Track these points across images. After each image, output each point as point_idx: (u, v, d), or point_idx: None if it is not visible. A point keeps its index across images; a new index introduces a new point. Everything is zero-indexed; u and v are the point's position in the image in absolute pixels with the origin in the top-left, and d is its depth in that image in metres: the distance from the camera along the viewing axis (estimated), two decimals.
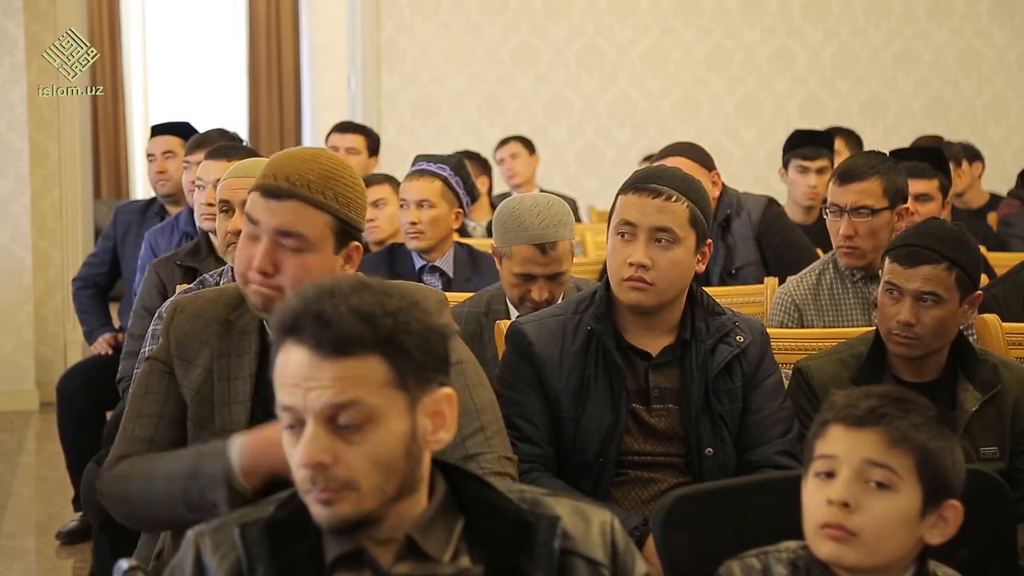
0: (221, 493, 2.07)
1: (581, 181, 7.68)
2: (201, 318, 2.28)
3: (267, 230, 2.15)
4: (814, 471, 1.80)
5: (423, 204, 4.05)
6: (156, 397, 2.25)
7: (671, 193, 2.55)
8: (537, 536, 1.60)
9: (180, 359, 2.26)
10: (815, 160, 5.07)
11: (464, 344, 2.39)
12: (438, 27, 7.54)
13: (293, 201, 2.14)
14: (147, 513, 2.18)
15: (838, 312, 3.51)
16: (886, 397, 1.79)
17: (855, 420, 1.77)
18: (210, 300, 2.32)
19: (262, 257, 2.15)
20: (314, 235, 2.15)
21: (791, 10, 7.84)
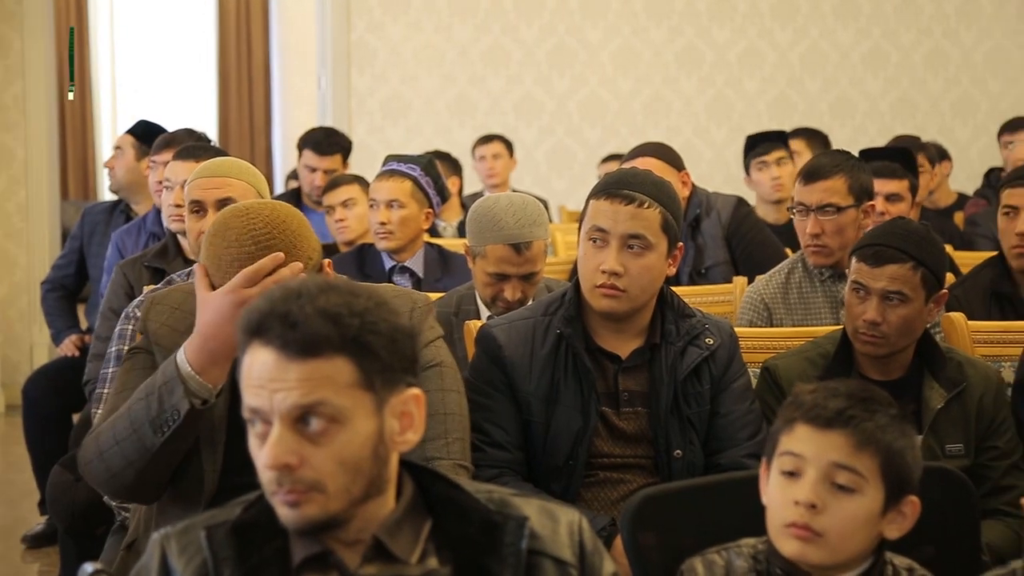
0: (179, 393, 2.10)
1: (552, 181, 7.69)
2: (178, 310, 2.30)
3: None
4: (780, 467, 1.81)
5: (393, 204, 4.04)
6: (140, 373, 2.27)
7: (643, 199, 2.55)
8: (505, 536, 1.60)
9: (160, 348, 2.27)
10: (771, 153, 5.17)
11: (447, 349, 2.39)
12: (408, 27, 7.54)
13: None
14: (120, 458, 2.17)
15: (807, 311, 3.53)
16: (852, 397, 1.80)
17: (823, 422, 1.78)
18: (186, 292, 2.32)
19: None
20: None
21: (761, 11, 7.87)
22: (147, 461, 2.16)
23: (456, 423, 2.30)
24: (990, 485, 2.67)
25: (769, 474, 1.85)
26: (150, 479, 2.20)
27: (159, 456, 2.16)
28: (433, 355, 2.33)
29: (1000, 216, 3.58)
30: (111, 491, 2.31)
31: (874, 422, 1.78)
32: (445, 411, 2.28)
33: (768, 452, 1.86)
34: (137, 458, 2.16)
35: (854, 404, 1.79)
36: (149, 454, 2.15)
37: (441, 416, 2.26)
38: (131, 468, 2.18)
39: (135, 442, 2.15)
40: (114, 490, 2.28)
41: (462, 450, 2.30)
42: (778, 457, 1.82)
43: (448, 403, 2.29)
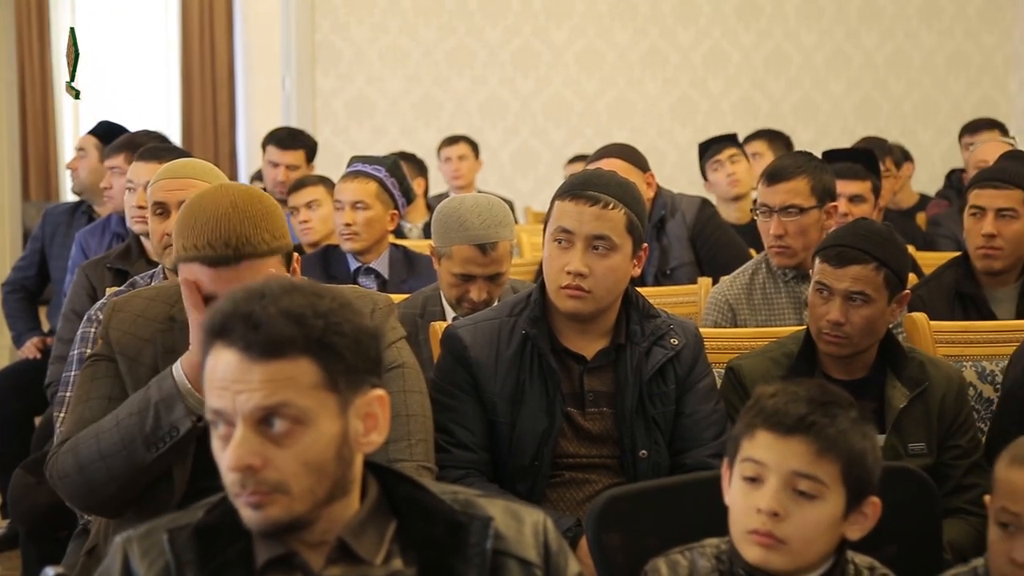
0: (179, 411, 2.08)
1: (517, 182, 7.70)
2: (141, 316, 2.27)
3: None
4: (741, 473, 1.82)
5: (358, 205, 4.03)
6: (104, 382, 2.24)
7: (608, 200, 2.55)
8: (470, 537, 1.60)
9: (123, 356, 2.25)
10: (723, 152, 5.27)
11: (410, 350, 2.38)
12: (373, 28, 7.52)
13: (244, 262, 2.12)
14: (104, 473, 2.14)
15: (771, 311, 3.55)
16: (813, 402, 1.81)
17: (784, 429, 1.79)
18: (148, 299, 2.30)
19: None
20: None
21: (725, 12, 7.91)
22: (132, 477, 2.13)
23: (419, 424, 2.29)
24: (952, 484, 2.69)
25: (731, 477, 1.86)
26: (128, 495, 2.17)
27: (146, 472, 2.14)
28: (395, 356, 2.32)
29: (966, 216, 3.60)
30: (85, 506, 2.27)
31: (835, 427, 1.79)
32: (408, 412, 2.27)
33: (730, 454, 1.87)
34: (123, 474, 2.13)
35: (815, 409, 1.79)
36: (137, 470, 2.12)
37: (404, 418, 2.26)
38: (113, 483, 2.15)
39: (124, 458, 2.12)
40: (89, 505, 2.25)
41: (425, 452, 2.30)
42: (740, 463, 1.83)
43: (411, 404, 2.29)
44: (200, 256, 2.13)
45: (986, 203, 3.53)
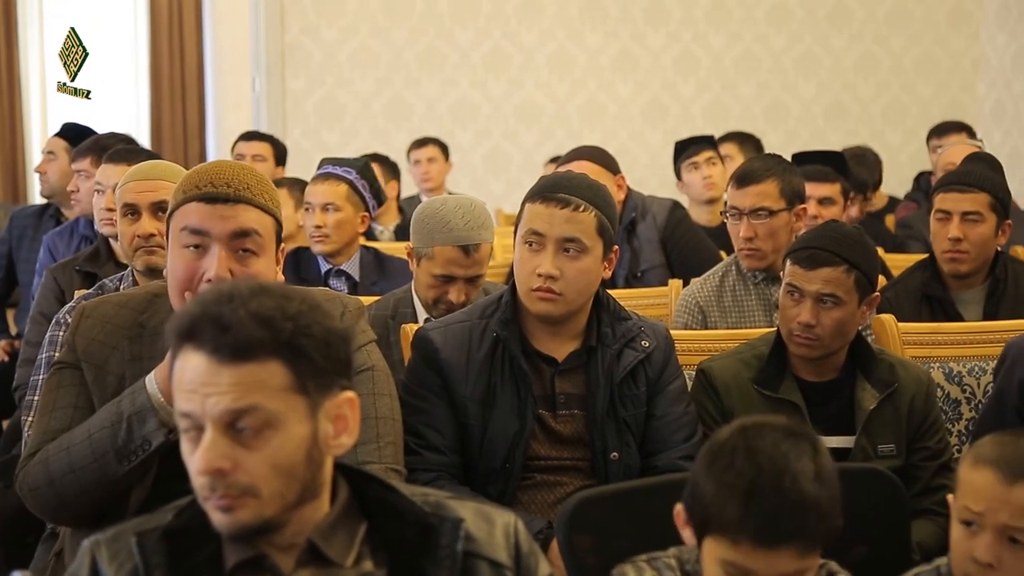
0: (151, 424, 2.07)
1: (488, 184, 7.69)
2: (109, 323, 2.25)
3: (221, 236, 2.13)
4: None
5: (328, 208, 4.02)
6: (69, 390, 2.22)
7: (579, 203, 2.56)
8: (440, 539, 1.60)
9: (90, 364, 2.22)
10: (701, 153, 5.24)
11: (379, 352, 2.38)
12: (343, 30, 7.50)
13: (242, 204, 2.14)
14: (75, 486, 2.12)
15: (741, 313, 3.56)
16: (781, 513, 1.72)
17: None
18: (117, 305, 2.28)
19: (220, 266, 2.11)
20: (266, 235, 2.17)
21: (695, 16, 7.93)
22: (104, 490, 2.11)
23: (388, 427, 2.29)
24: (921, 485, 2.70)
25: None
26: (99, 508, 2.15)
27: (118, 485, 2.12)
28: (364, 359, 2.32)
29: (933, 220, 3.62)
30: (55, 518, 2.25)
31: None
32: (377, 415, 2.27)
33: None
34: (95, 487, 2.11)
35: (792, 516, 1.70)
36: (109, 483, 2.11)
37: (373, 420, 2.25)
38: (85, 496, 2.13)
39: (96, 471, 2.10)
40: (59, 518, 2.23)
41: (394, 454, 2.29)
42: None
43: (380, 407, 2.28)
44: (200, 194, 2.14)
45: (952, 207, 3.55)
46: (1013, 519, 1.89)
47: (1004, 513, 1.89)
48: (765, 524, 1.67)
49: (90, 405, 2.21)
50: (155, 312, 2.24)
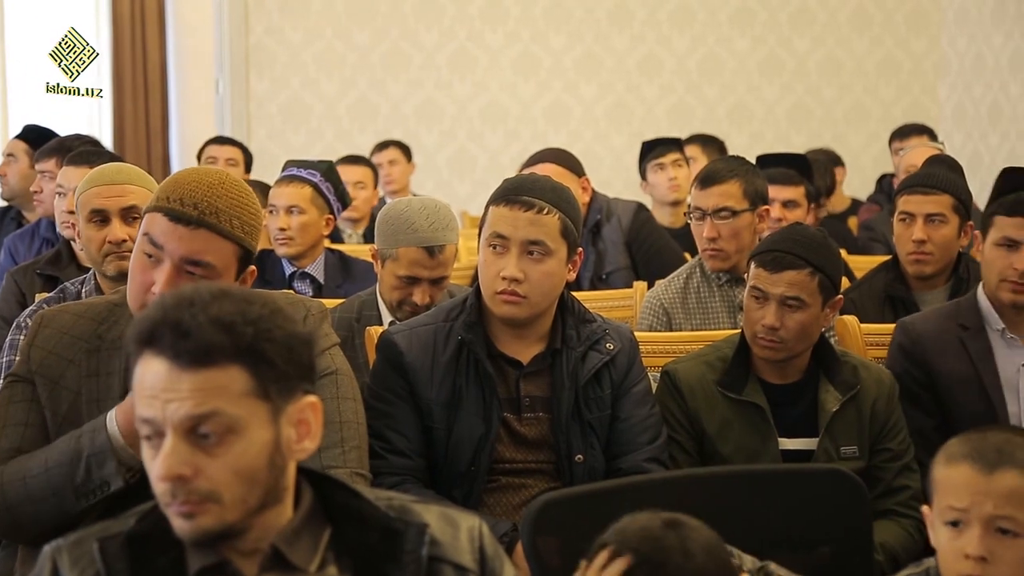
0: (111, 467, 2.04)
1: (453, 186, 7.69)
2: (67, 334, 2.22)
3: (173, 256, 2.13)
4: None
5: (292, 210, 4.01)
6: (21, 406, 2.19)
7: (543, 205, 2.56)
8: (405, 544, 1.60)
9: (44, 378, 2.19)
10: (667, 155, 5.27)
11: (343, 356, 2.37)
12: (308, 31, 7.48)
13: (202, 230, 2.13)
14: (31, 516, 2.10)
15: (705, 315, 3.57)
16: None
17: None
18: (76, 315, 2.25)
19: (166, 283, 2.11)
20: (221, 264, 2.14)
21: (659, 18, 7.95)
22: (62, 521, 2.07)
23: (352, 431, 2.28)
24: (883, 486, 2.72)
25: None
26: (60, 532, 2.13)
27: (77, 518, 2.08)
28: (328, 363, 2.31)
29: (896, 222, 3.64)
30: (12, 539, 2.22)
31: None
32: (341, 419, 2.26)
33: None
34: (50, 520, 2.09)
35: None
36: (67, 517, 2.08)
37: (337, 424, 2.24)
38: (43, 524, 2.11)
39: (54, 506, 2.08)
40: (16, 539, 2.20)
41: (359, 458, 2.28)
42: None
43: (344, 411, 2.28)
44: (166, 208, 2.14)
45: (915, 209, 3.58)
46: (998, 507, 1.87)
47: (989, 503, 1.87)
48: None
49: (42, 422, 2.18)
50: (114, 324, 2.21)
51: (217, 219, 2.13)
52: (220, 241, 2.13)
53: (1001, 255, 2.98)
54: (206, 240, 2.13)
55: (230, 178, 2.21)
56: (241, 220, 2.16)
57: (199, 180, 2.17)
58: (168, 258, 2.13)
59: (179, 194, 2.15)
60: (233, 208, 2.15)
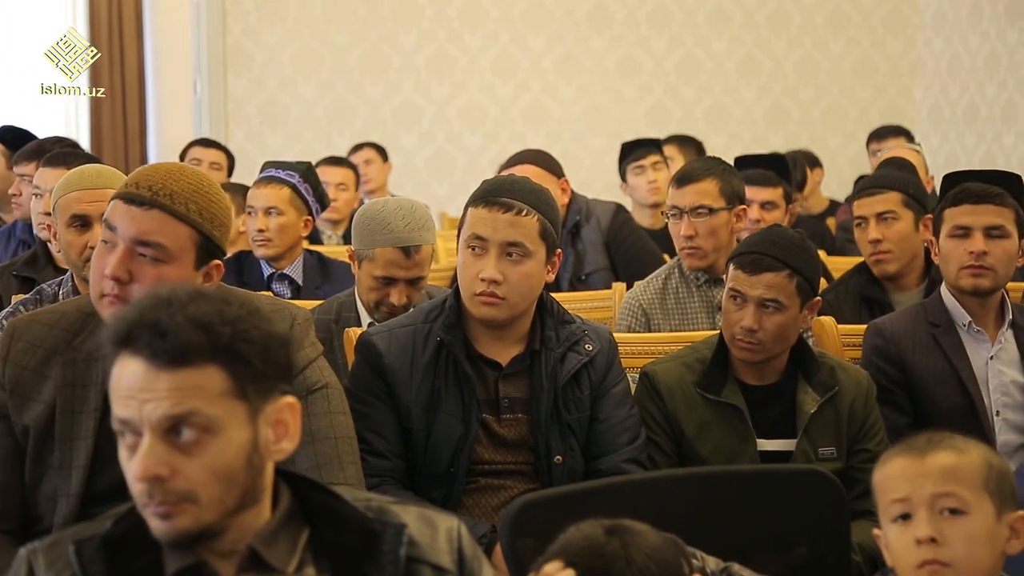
0: None
1: (432, 188, 7.68)
2: (41, 347, 2.19)
3: (125, 237, 2.12)
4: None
5: (271, 212, 4.00)
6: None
7: (521, 207, 2.56)
8: (383, 544, 1.59)
9: (16, 395, 2.17)
10: (647, 157, 5.29)
11: (330, 368, 2.36)
12: (286, 32, 7.46)
13: (155, 210, 2.12)
14: None
15: (684, 315, 3.58)
16: None
17: None
18: (49, 325, 2.22)
19: (116, 264, 2.11)
20: (174, 247, 2.13)
21: (637, 20, 7.96)
22: None
23: (347, 446, 2.28)
24: (861, 487, 2.71)
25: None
26: None
27: None
28: (317, 376, 2.29)
29: (855, 229, 3.71)
30: None
31: None
32: (335, 435, 2.26)
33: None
34: None
35: None
36: None
37: (332, 441, 2.24)
38: None
39: None
40: None
41: (356, 473, 2.28)
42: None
43: (337, 426, 2.27)
44: (123, 192, 2.15)
45: (866, 211, 3.65)
46: (938, 485, 1.89)
47: (928, 484, 1.89)
48: None
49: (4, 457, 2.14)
50: (89, 335, 2.19)
51: (171, 201, 2.13)
52: (173, 223, 2.13)
53: (955, 244, 3.05)
54: (158, 221, 2.12)
55: (194, 170, 2.22)
56: (199, 205, 2.15)
57: (160, 167, 2.19)
58: (121, 240, 2.13)
59: (137, 179, 2.16)
60: (190, 192, 2.15)
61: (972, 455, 1.92)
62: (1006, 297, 3.12)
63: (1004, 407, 3.04)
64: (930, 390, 3.01)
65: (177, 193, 2.13)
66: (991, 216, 3.04)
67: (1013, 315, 3.10)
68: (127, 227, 2.12)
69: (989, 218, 3.03)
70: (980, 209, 3.04)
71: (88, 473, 2.15)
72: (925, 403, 3.00)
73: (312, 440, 2.19)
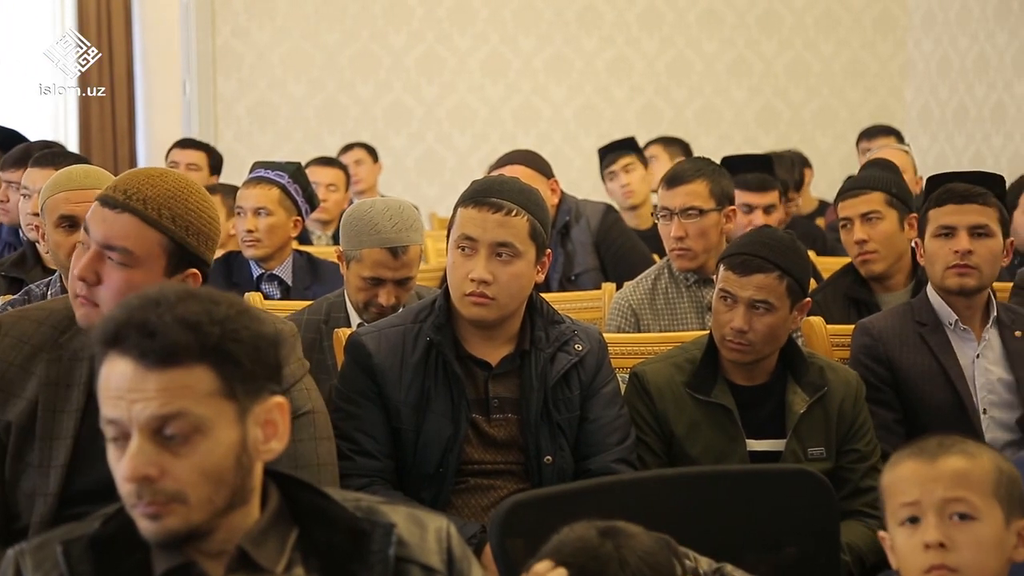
0: None
1: (422, 188, 7.68)
2: (27, 344, 2.19)
3: (96, 240, 2.13)
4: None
5: (260, 212, 3.99)
6: None
7: (511, 207, 2.56)
8: (372, 544, 1.59)
9: (1, 391, 2.16)
10: (617, 161, 5.39)
11: (318, 392, 2.35)
12: (275, 32, 7.45)
13: (125, 214, 2.12)
14: None
15: (673, 316, 3.58)
16: None
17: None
18: (37, 322, 2.21)
19: (84, 265, 2.11)
20: (141, 252, 2.11)
21: (627, 21, 7.97)
22: None
23: (328, 474, 2.28)
24: (850, 487, 2.73)
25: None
26: None
27: None
28: (304, 400, 2.28)
29: (840, 230, 3.73)
30: None
31: None
32: (319, 462, 2.26)
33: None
34: None
35: None
36: None
37: (315, 468, 2.24)
38: None
39: None
40: None
41: None
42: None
43: (321, 453, 2.27)
44: (100, 195, 2.15)
45: (851, 212, 3.66)
46: (948, 490, 1.88)
47: (938, 488, 1.88)
48: None
49: None
50: (76, 333, 2.18)
51: (143, 206, 2.12)
52: (143, 228, 2.11)
53: (940, 244, 3.06)
54: (127, 225, 2.11)
55: (178, 176, 2.20)
56: (173, 212, 2.13)
57: (143, 172, 2.18)
58: (93, 242, 2.13)
59: (117, 183, 2.16)
60: (165, 198, 2.13)
61: (983, 460, 1.91)
62: (992, 296, 3.13)
63: (991, 405, 3.05)
64: (918, 388, 3.03)
65: (151, 198, 2.12)
66: (975, 215, 3.05)
67: (998, 313, 3.11)
68: (97, 229, 2.13)
69: (973, 217, 3.05)
70: (964, 209, 3.05)
71: (66, 473, 2.14)
72: (913, 401, 3.02)
73: (296, 466, 2.18)
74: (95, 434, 1.59)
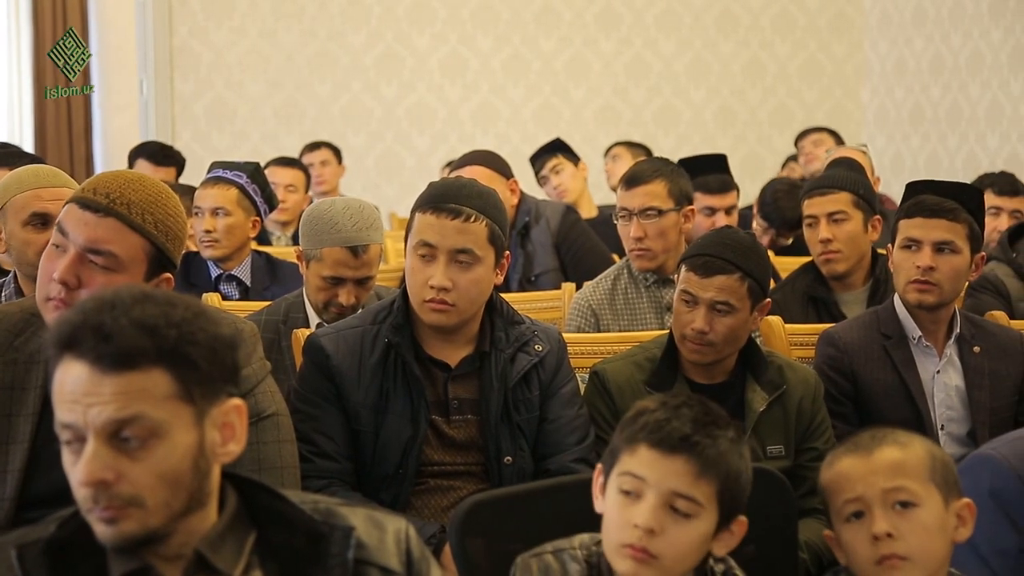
0: None
1: (381, 188, 7.67)
2: None
3: (77, 243, 2.11)
4: (619, 486, 1.83)
5: (218, 212, 3.97)
6: None
7: (470, 213, 2.55)
8: (331, 547, 1.58)
9: None
10: (546, 165, 5.58)
11: (281, 396, 2.35)
12: (232, 32, 7.42)
13: (110, 218, 2.11)
14: None
15: (633, 316, 3.59)
16: (697, 421, 1.82)
17: (667, 447, 1.80)
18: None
19: (66, 269, 2.09)
20: (126, 256, 2.11)
21: (585, 21, 7.99)
22: None
23: (291, 476, 2.28)
24: (808, 485, 2.73)
25: (606, 486, 1.86)
26: None
27: None
28: (268, 402, 2.28)
29: (804, 228, 3.74)
30: None
31: (716, 448, 1.81)
32: (282, 464, 2.26)
33: (606, 464, 1.87)
34: None
35: (698, 429, 1.81)
36: None
37: (278, 471, 2.24)
38: None
39: None
40: None
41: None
42: (618, 475, 1.83)
43: (285, 455, 2.27)
44: (79, 197, 2.13)
45: (817, 210, 3.67)
46: (888, 480, 1.92)
47: (879, 479, 1.92)
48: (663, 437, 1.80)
49: None
50: (32, 336, 2.17)
51: (128, 210, 2.11)
52: (127, 233, 2.11)
53: (905, 257, 3.07)
54: (112, 229, 2.11)
55: (154, 181, 2.21)
56: (155, 217, 2.14)
57: (120, 175, 2.17)
58: (72, 245, 2.11)
59: (94, 185, 2.14)
60: (147, 203, 2.14)
61: (916, 448, 1.96)
62: (956, 312, 3.13)
63: (948, 421, 3.05)
64: (878, 402, 3.03)
65: (135, 203, 2.12)
66: (942, 231, 3.03)
67: (961, 329, 3.10)
68: (79, 233, 2.11)
69: (939, 233, 3.03)
70: (932, 224, 3.03)
71: (23, 477, 2.12)
72: (873, 415, 3.00)
73: (259, 469, 2.19)
74: (52, 438, 1.57)
